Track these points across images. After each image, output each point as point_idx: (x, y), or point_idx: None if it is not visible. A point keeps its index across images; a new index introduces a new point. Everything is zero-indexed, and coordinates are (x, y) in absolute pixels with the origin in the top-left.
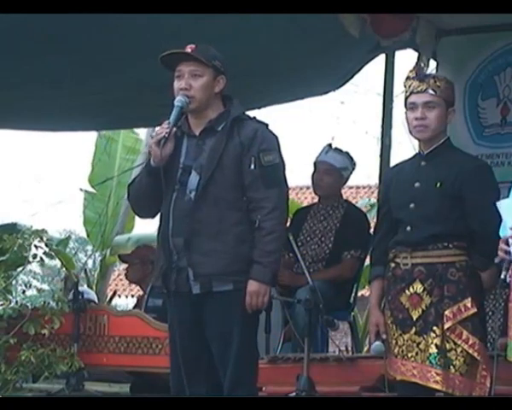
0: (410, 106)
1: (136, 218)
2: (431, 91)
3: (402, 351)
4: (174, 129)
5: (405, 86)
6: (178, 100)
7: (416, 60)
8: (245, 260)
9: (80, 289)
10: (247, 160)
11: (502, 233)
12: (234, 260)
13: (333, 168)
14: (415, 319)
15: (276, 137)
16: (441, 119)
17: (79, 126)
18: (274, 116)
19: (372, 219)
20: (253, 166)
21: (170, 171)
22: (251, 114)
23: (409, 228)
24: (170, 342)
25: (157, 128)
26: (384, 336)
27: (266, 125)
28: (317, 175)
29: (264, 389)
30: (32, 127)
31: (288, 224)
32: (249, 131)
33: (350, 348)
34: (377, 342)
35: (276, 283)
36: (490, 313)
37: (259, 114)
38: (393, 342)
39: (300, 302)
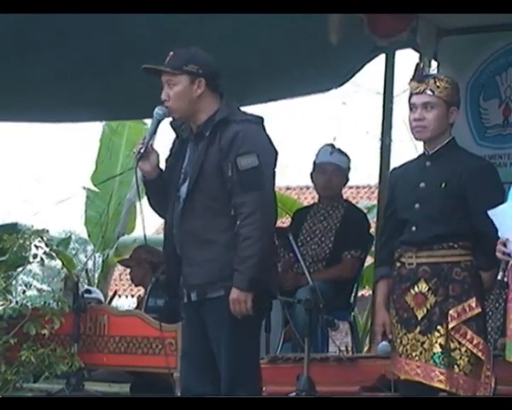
0: (410, 107)
1: (138, 219)
2: (429, 92)
3: (406, 350)
4: (151, 143)
5: (410, 87)
6: (156, 112)
7: (416, 60)
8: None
9: (88, 288)
10: (225, 166)
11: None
12: (223, 266)
13: (340, 169)
14: (419, 318)
15: (264, 137)
16: (440, 119)
17: (83, 117)
18: (274, 117)
19: (371, 221)
20: (230, 173)
21: (173, 176)
22: (254, 110)
23: (414, 228)
24: (182, 346)
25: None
26: (390, 336)
27: (258, 120)
28: (323, 177)
29: (264, 389)
30: (35, 118)
31: (288, 224)
32: (229, 135)
33: (350, 348)
34: (383, 342)
35: (258, 287)
36: (490, 313)
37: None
38: (398, 341)
39: (300, 302)
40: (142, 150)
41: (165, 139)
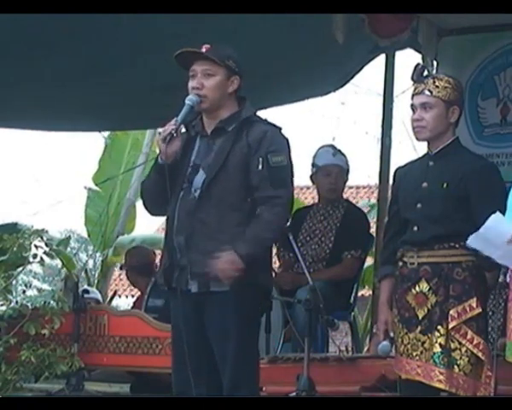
0: (411, 108)
1: (137, 218)
2: (427, 92)
3: (407, 350)
4: (181, 127)
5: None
6: (189, 98)
7: (416, 60)
8: None
9: (86, 288)
10: (255, 160)
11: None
12: None
13: (343, 170)
14: (420, 317)
15: (287, 140)
16: (439, 119)
17: (83, 127)
18: (274, 117)
19: (372, 220)
20: (260, 167)
21: (180, 169)
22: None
23: (416, 228)
24: (172, 341)
25: (166, 126)
26: (392, 335)
27: (279, 128)
28: (328, 179)
29: (264, 389)
30: (34, 127)
31: (288, 224)
32: (258, 133)
33: (350, 348)
34: (384, 342)
35: (251, 266)
36: (490, 313)
37: (260, 113)
38: (399, 340)
39: (300, 302)
40: (173, 132)
41: None
